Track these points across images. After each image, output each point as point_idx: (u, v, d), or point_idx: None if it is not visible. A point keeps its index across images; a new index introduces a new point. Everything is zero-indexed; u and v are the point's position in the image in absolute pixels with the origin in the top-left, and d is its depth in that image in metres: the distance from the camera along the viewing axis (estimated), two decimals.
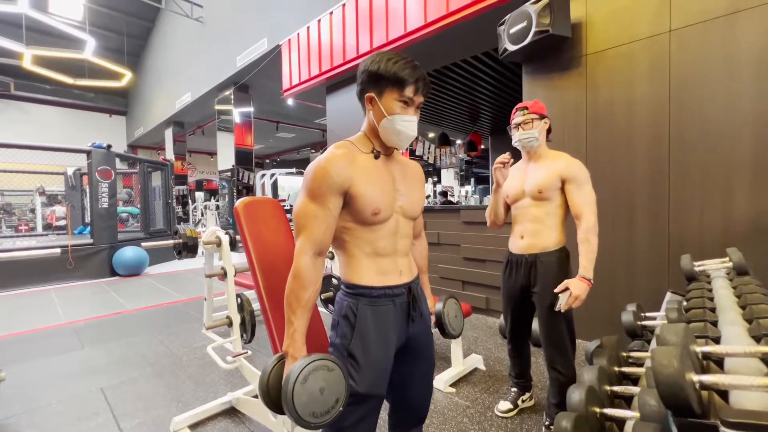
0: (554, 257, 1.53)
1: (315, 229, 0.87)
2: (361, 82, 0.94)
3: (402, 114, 0.91)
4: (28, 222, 10.22)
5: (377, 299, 0.93)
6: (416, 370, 1.04)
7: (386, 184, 0.94)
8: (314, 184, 0.87)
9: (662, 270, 2.35)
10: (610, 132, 2.55)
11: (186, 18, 8.55)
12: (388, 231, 0.95)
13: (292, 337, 0.85)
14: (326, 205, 0.87)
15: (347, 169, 0.88)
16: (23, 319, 3.57)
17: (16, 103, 11.94)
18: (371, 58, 0.92)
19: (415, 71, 0.90)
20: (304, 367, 0.78)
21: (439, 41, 3.79)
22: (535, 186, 1.53)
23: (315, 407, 0.78)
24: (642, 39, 2.38)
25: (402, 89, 0.89)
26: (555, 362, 1.55)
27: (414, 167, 1.07)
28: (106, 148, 5.78)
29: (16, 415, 1.90)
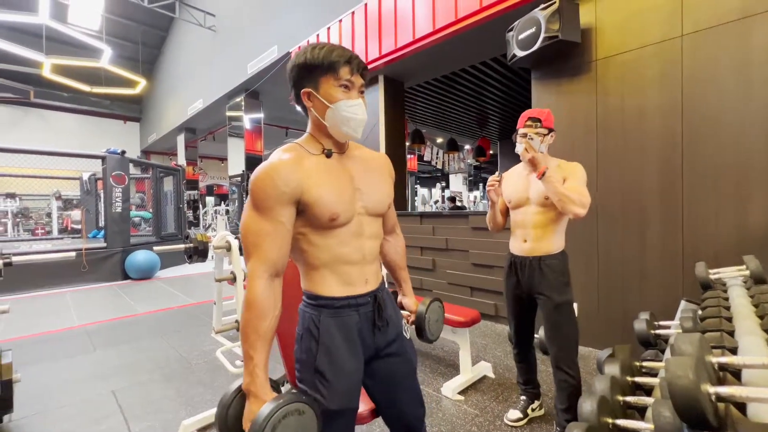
0: (557, 260, 1.59)
1: (267, 248, 0.78)
2: (294, 81, 0.87)
3: (345, 99, 0.84)
4: (45, 226, 10.48)
5: (340, 309, 0.87)
6: (398, 374, 0.98)
7: (343, 184, 0.87)
8: (260, 196, 0.78)
9: (676, 278, 2.30)
10: (620, 137, 2.52)
11: (199, 27, 8.75)
12: (350, 234, 0.87)
13: (252, 373, 0.75)
14: (277, 219, 0.79)
15: (295, 175, 0.80)
16: (39, 322, 3.65)
17: (35, 110, 12.31)
18: (295, 54, 0.86)
19: (345, 51, 0.84)
20: (273, 414, 0.68)
21: (447, 47, 3.80)
22: (542, 193, 1.56)
23: None
24: (653, 44, 2.36)
25: (337, 73, 0.83)
26: (560, 361, 1.57)
27: (377, 158, 0.99)
28: (120, 153, 5.92)
29: (30, 416, 1.94)
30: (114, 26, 10.29)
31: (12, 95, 11.24)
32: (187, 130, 11.24)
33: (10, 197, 9.26)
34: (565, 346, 1.57)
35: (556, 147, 2.79)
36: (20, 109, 12.03)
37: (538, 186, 1.58)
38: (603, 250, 2.60)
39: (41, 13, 6.63)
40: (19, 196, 9.73)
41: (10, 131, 11.67)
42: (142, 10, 9.16)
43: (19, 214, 10.41)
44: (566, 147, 2.77)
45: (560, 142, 2.81)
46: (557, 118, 2.83)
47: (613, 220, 2.56)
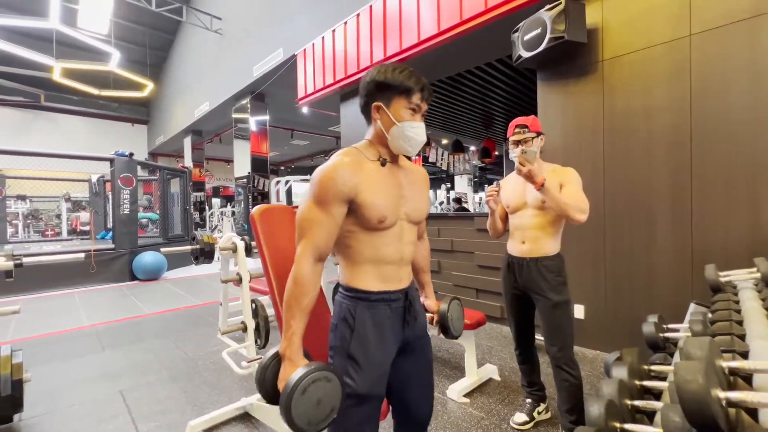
0: (554, 261, 1.64)
1: (317, 235, 0.88)
2: (367, 93, 0.96)
3: (411, 121, 0.93)
4: (54, 227, 10.63)
5: (375, 303, 0.95)
6: (413, 372, 1.05)
7: (393, 191, 0.96)
8: (320, 191, 0.89)
9: (685, 281, 2.27)
10: (628, 138, 2.50)
11: (205, 30, 8.83)
12: (392, 237, 0.96)
13: (289, 339, 0.87)
14: (330, 212, 0.88)
15: (354, 178, 0.89)
16: (48, 322, 3.70)
17: (45, 113, 12.50)
18: (376, 69, 0.95)
19: (420, 80, 0.93)
20: (304, 378, 0.78)
21: (452, 49, 3.80)
22: (539, 197, 1.62)
23: (311, 416, 0.79)
24: (661, 44, 2.34)
25: (409, 97, 0.92)
26: (560, 361, 1.60)
27: (419, 172, 1.09)
28: (128, 156, 5.99)
29: (39, 415, 1.96)
30: (122, 30, 10.42)
31: (23, 99, 11.45)
32: (193, 133, 11.34)
33: (21, 199, 9.41)
34: (564, 345, 1.60)
35: (563, 149, 2.78)
36: (31, 112, 12.23)
37: (533, 190, 1.63)
38: (610, 252, 2.57)
39: (52, 18, 6.74)
40: (30, 198, 9.87)
41: (21, 134, 11.87)
42: (149, 14, 9.26)
43: (30, 216, 10.57)
44: (573, 148, 2.75)
45: (567, 143, 2.79)
46: (564, 119, 2.82)
47: (621, 222, 2.54)
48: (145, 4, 8.18)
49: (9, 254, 1.95)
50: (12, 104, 11.67)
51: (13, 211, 9.47)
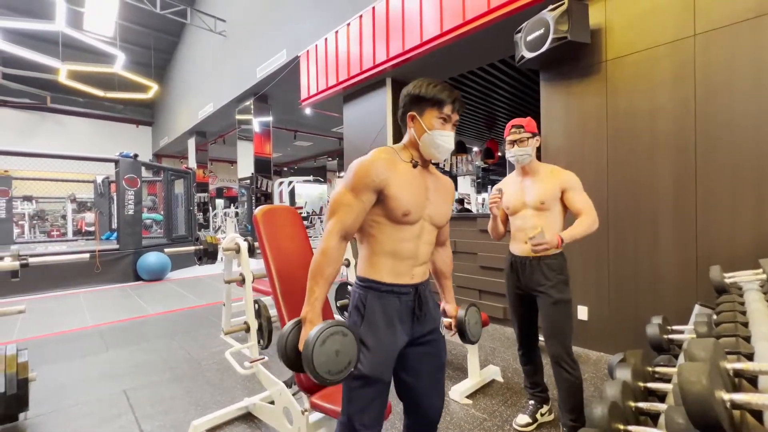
0: (556, 259, 1.66)
1: (346, 216, 0.97)
2: (404, 104, 1.06)
3: (441, 129, 1.02)
4: (60, 228, 10.71)
5: (384, 294, 1.02)
6: (424, 370, 1.09)
7: (419, 191, 1.04)
8: (355, 179, 0.98)
9: (689, 282, 2.26)
10: (631, 138, 2.48)
11: (209, 32, 8.88)
12: (413, 233, 1.03)
13: (312, 304, 0.95)
14: (360, 198, 0.97)
15: (386, 172, 0.98)
16: (53, 322, 3.73)
17: (51, 115, 12.61)
18: (413, 84, 1.05)
19: (452, 93, 1.02)
20: (323, 330, 0.87)
21: (455, 50, 3.80)
22: (537, 198, 1.67)
23: (331, 366, 0.87)
24: (665, 44, 2.33)
25: (441, 108, 1.02)
26: (560, 358, 1.62)
27: (446, 182, 1.16)
28: (132, 157, 6.03)
29: (44, 414, 1.98)
30: (127, 32, 10.50)
31: (30, 100, 11.56)
32: (197, 134, 11.40)
33: (27, 200, 9.49)
34: (563, 340, 1.62)
35: (567, 150, 2.77)
36: (38, 114, 12.34)
37: (533, 191, 1.69)
38: (614, 254, 2.56)
39: (58, 20, 6.81)
40: (36, 199, 9.96)
41: (28, 136, 11.98)
42: (154, 17, 9.33)
43: (36, 217, 10.66)
44: (576, 149, 2.74)
45: (570, 144, 2.78)
46: (567, 119, 2.81)
47: (625, 223, 2.52)
48: (149, 6, 8.24)
49: (15, 254, 1.97)
50: (19, 106, 11.79)
51: (19, 211, 9.56)
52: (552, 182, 1.66)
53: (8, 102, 11.49)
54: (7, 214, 7.89)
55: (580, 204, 1.63)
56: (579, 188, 1.66)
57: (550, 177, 1.68)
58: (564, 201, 1.67)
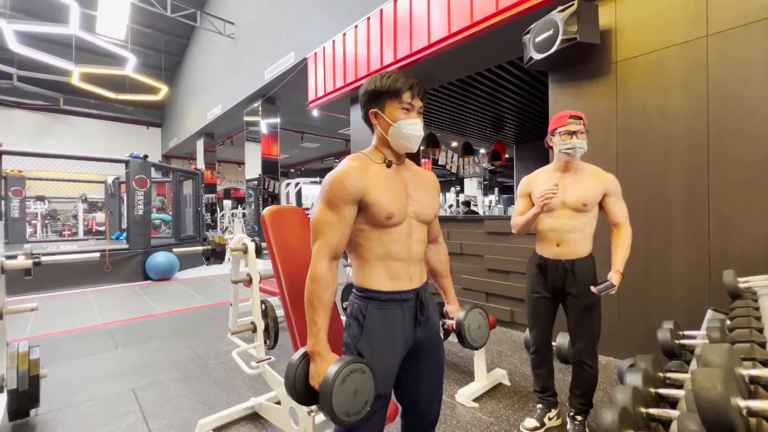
0: (589, 263, 1.64)
1: (331, 236, 0.94)
2: (364, 103, 1.03)
3: (406, 119, 0.98)
4: (71, 227, 10.89)
5: (386, 303, 0.99)
6: (423, 373, 1.07)
7: (398, 190, 1.00)
8: (330, 195, 0.94)
9: (702, 286, 2.22)
10: (642, 142, 2.45)
11: (219, 35, 8.98)
12: (401, 234, 1.00)
13: (316, 336, 0.91)
14: (341, 214, 0.94)
15: (361, 180, 0.95)
16: (64, 320, 3.79)
17: (64, 116, 12.85)
18: (368, 80, 1.02)
19: (408, 79, 0.98)
20: (343, 368, 0.82)
21: (463, 51, 3.79)
22: (579, 200, 1.60)
23: (349, 407, 0.83)
24: (677, 44, 2.30)
25: (400, 97, 0.98)
26: (584, 356, 1.64)
27: (426, 175, 1.13)
28: (142, 158, 6.11)
29: (54, 411, 2.01)
30: (138, 35, 10.67)
31: (43, 102, 11.79)
32: (206, 135, 11.52)
33: (40, 200, 9.67)
34: (591, 341, 1.64)
35: None
36: (51, 115, 12.58)
37: (573, 191, 1.61)
38: None
39: (72, 24, 6.94)
40: (48, 199, 10.14)
41: (41, 137, 12.21)
42: (165, 20, 9.48)
43: (48, 216, 10.85)
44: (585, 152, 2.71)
45: None
46: None
47: (636, 226, 2.46)
48: (160, 9, 8.36)
49: (28, 253, 2.00)
50: (33, 108, 12.03)
51: (32, 211, 9.74)
52: (596, 184, 1.60)
53: (22, 104, 11.73)
54: (20, 213, 8.04)
55: (619, 214, 1.62)
56: (620, 194, 1.63)
57: (594, 177, 1.61)
58: (602, 205, 1.62)
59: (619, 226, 1.62)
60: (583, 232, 1.61)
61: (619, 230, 1.62)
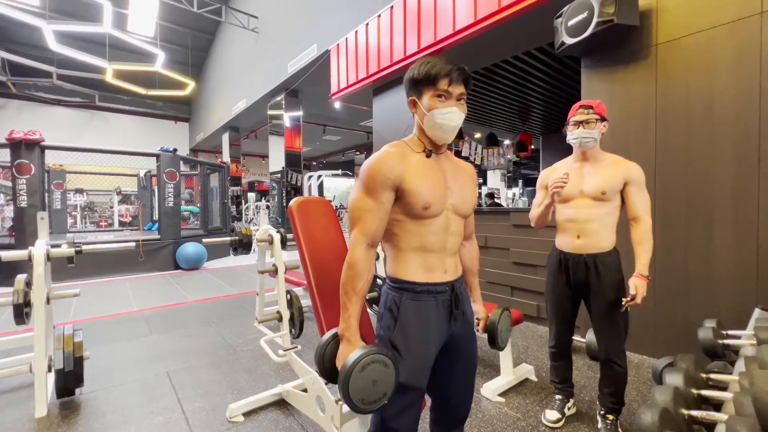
0: (613, 257, 1.58)
1: (369, 222, 0.93)
2: (407, 92, 1.01)
3: (440, 108, 0.94)
4: (107, 218, 11.47)
5: (420, 294, 0.97)
6: (456, 368, 1.06)
7: (437, 180, 0.98)
8: (368, 180, 0.93)
9: (748, 284, 2.08)
10: (684, 130, 2.30)
11: (242, 29, 9.11)
12: (438, 227, 0.98)
13: (347, 321, 0.92)
14: (379, 200, 0.93)
15: (399, 166, 0.93)
16: (103, 306, 4.00)
17: (99, 113, 13.46)
18: (410, 68, 0.99)
19: (446, 65, 0.93)
20: (363, 357, 0.83)
21: (488, 39, 3.68)
22: (598, 188, 1.55)
23: (365, 395, 0.84)
24: (725, 24, 2.13)
25: (435, 84, 0.94)
26: (612, 355, 1.59)
27: (466, 167, 1.10)
28: (172, 152, 6.32)
29: (96, 390, 2.13)
30: (166, 32, 10.98)
31: (81, 99, 12.38)
32: (231, 129, 11.79)
33: (79, 192, 10.21)
34: (618, 339, 1.58)
35: (611, 141, 2.62)
36: (88, 112, 13.20)
37: (593, 179, 1.56)
38: (661, 251, 2.40)
39: (105, 23, 7.21)
40: (86, 191, 10.69)
41: (79, 133, 12.85)
42: (191, 16, 9.69)
43: (86, 208, 11.45)
44: (621, 141, 2.58)
45: (615, 136, 2.63)
46: (611, 109, 2.65)
47: (675, 220, 2.36)
48: (187, 5, 8.55)
49: (71, 242, 2.12)
50: (71, 105, 12.66)
51: (72, 203, 10.30)
52: (616, 171, 1.54)
53: (62, 101, 12.35)
54: (62, 205, 8.52)
55: (639, 206, 1.53)
56: (642, 184, 1.55)
57: (614, 166, 1.56)
58: (623, 195, 1.56)
59: (638, 221, 1.53)
60: (603, 222, 1.55)
61: (638, 225, 1.53)
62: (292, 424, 1.80)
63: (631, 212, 1.56)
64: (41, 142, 5.14)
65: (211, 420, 1.83)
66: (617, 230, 1.61)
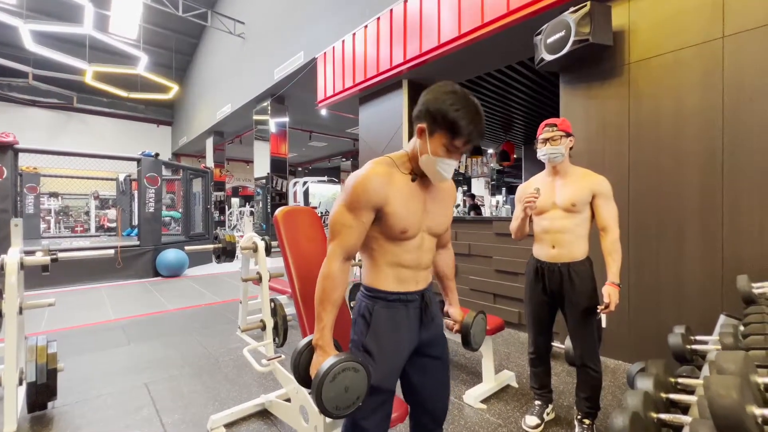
0: (585, 266, 1.66)
1: (347, 237, 0.95)
2: (419, 111, 0.95)
3: (444, 158, 0.93)
4: (83, 223, 11.09)
5: (392, 303, 1.02)
6: (428, 372, 1.10)
7: (418, 205, 1.00)
8: (352, 198, 0.94)
9: (714, 291, 2.19)
10: (655, 144, 2.43)
11: (229, 34, 9.07)
12: (413, 246, 1.02)
13: (321, 331, 0.94)
14: (359, 219, 0.95)
15: (384, 189, 0.94)
16: (78, 315, 3.86)
17: (77, 114, 13.08)
18: (436, 93, 0.92)
19: (472, 124, 0.89)
20: (334, 366, 0.86)
21: (472, 51, 3.78)
22: (568, 200, 1.65)
23: (338, 402, 0.87)
24: (692, 46, 2.27)
25: (454, 137, 0.91)
26: (587, 360, 1.66)
27: (447, 187, 1.11)
28: (154, 156, 6.19)
29: (71, 404, 2.06)
30: (150, 35, 10.81)
31: (57, 101, 12.01)
32: (215, 134, 11.64)
33: (53, 196, 9.86)
34: (592, 345, 1.66)
35: (587, 156, 2.73)
36: (65, 113, 12.81)
37: (563, 192, 1.67)
38: (635, 260, 2.50)
39: (86, 24, 7.06)
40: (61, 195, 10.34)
41: (55, 135, 12.45)
42: (176, 19, 9.58)
43: (61, 212, 11.05)
44: (597, 153, 2.69)
45: (590, 148, 2.74)
46: (587, 124, 2.77)
47: (647, 230, 2.47)
48: (172, 9, 8.46)
49: (46, 250, 2.05)
50: (47, 106, 12.26)
51: (46, 207, 9.93)
52: (585, 184, 1.64)
53: (37, 102, 11.96)
54: (35, 210, 8.21)
55: (606, 216, 1.62)
56: (609, 196, 1.64)
57: (582, 179, 1.66)
58: (592, 206, 1.65)
59: (607, 230, 1.62)
60: (575, 233, 1.64)
61: (607, 235, 1.62)
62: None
63: (600, 222, 1.64)
64: (15, 145, 4.97)
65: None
66: (590, 241, 1.69)
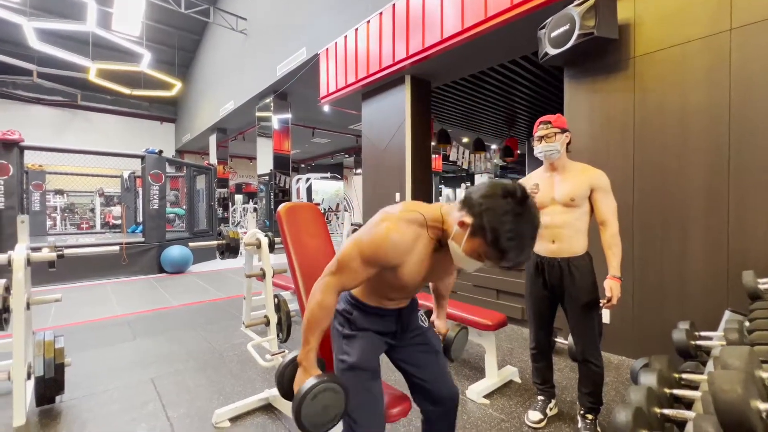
0: (585, 261, 1.66)
1: (350, 279, 0.99)
2: (472, 207, 0.86)
3: (471, 259, 0.89)
4: (89, 220, 11.18)
5: (369, 313, 1.13)
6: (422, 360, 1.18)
7: (426, 269, 1.02)
8: (371, 251, 0.94)
9: (719, 287, 2.18)
10: (660, 138, 2.40)
11: (231, 31, 9.05)
12: (406, 291, 1.11)
13: (307, 354, 0.99)
14: (369, 269, 0.98)
15: (404, 255, 0.95)
16: (84, 310, 3.91)
17: (82, 112, 13.14)
18: (496, 205, 0.82)
19: (521, 257, 0.83)
20: (315, 386, 0.90)
21: (476, 46, 3.76)
22: (567, 195, 1.65)
23: (317, 420, 0.92)
24: (698, 39, 2.24)
25: (498, 259, 0.85)
26: (588, 355, 1.67)
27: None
28: (157, 153, 6.22)
29: (78, 398, 2.09)
30: (153, 32, 10.82)
31: (62, 98, 12.07)
32: (218, 131, 11.66)
33: (59, 194, 9.94)
34: (594, 341, 1.67)
35: (592, 150, 2.71)
36: (69, 111, 12.87)
37: (562, 187, 1.67)
38: (639, 256, 2.49)
39: (89, 21, 7.07)
40: (67, 193, 10.41)
41: (60, 132, 12.51)
42: (178, 16, 9.57)
43: (67, 210, 11.15)
44: (601, 148, 2.67)
45: (594, 143, 2.72)
46: (591, 118, 2.75)
47: (651, 225, 2.45)
48: (174, 6, 8.45)
49: (52, 246, 2.08)
50: (52, 104, 12.33)
51: (51, 204, 10.01)
52: (583, 179, 1.64)
53: (42, 100, 12.02)
54: (41, 207, 8.28)
55: (605, 210, 1.63)
56: (608, 190, 1.64)
57: (580, 174, 1.67)
58: (591, 200, 1.65)
59: (606, 224, 1.63)
60: (575, 228, 1.64)
61: (606, 228, 1.63)
62: (279, 428, 1.80)
63: (599, 216, 1.65)
64: (20, 142, 5.01)
65: (196, 426, 1.81)
66: (589, 236, 1.68)
